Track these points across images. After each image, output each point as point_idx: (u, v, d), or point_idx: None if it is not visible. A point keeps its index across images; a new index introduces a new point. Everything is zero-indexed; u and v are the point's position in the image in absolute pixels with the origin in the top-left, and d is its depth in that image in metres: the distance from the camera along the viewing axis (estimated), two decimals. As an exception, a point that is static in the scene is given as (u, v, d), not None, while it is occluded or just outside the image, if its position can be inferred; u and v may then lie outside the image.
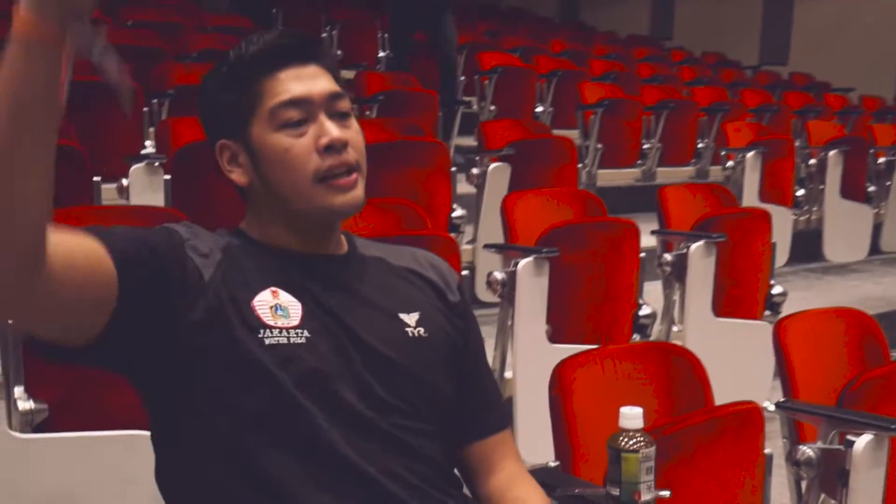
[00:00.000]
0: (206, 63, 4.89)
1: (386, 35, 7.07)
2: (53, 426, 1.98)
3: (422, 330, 1.37)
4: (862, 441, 1.88)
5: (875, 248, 5.75)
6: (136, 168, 3.06)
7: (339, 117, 1.34)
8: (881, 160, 5.94)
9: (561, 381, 1.86)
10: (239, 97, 1.33)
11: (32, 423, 1.96)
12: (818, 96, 8.77)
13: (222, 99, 1.35)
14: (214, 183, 3.19)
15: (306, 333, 1.27)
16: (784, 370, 2.29)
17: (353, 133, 1.35)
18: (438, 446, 1.36)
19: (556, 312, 2.92)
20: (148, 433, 2.02)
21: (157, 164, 3.08)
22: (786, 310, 3.41)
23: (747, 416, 1.89)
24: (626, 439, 1.46)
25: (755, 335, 3.34)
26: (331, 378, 1.27)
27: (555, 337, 2.88)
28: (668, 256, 3.29)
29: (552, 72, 6.81)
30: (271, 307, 1.27)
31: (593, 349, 1.99)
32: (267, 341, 1.25)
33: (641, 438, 1.47)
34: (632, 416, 1.47)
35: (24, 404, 1.96)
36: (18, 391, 1.97)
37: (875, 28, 10.39)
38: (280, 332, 1.26)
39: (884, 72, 10.20)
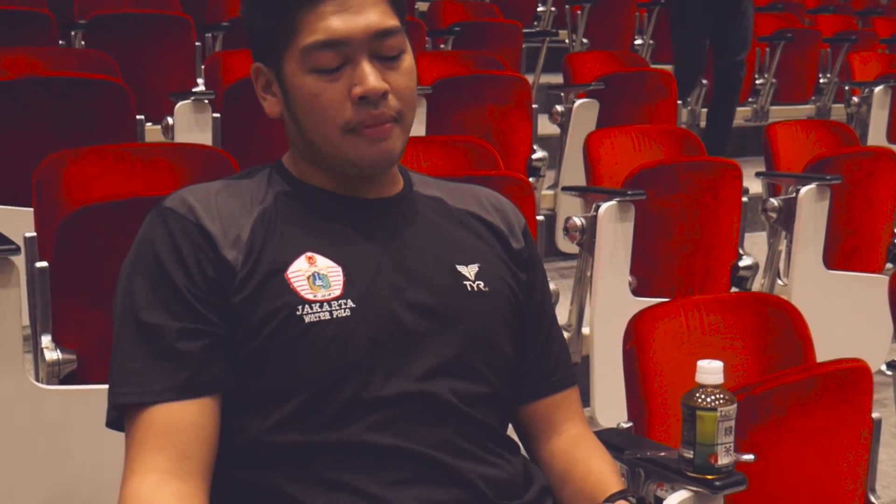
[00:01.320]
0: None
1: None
2: (82, 378, 2.02)
3: (482, 283, 1.32)
4: None
5: None
6: (181, 105, 3.07)
7: (385, 59, 1.27)
8: None
9: (637, 334, 1.80)
10: (274, 25, 1.26)
11: (59, 375, 2.00)
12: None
13: (257, 23, 1.29)
14: (269, 121, 3.22)
15: (350, 304, 1.23)
16: (900, 327, 2.19)
17: (398, 77, 1.27)
18: (494, 409, 1.33)
19: (642, 263, 2.85)
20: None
21: (205, 101, 3.09)
22: (914, 264, 3.29)
23: (852, 376, 1.81)
24: (703, 396, 1.41)
25: (873, 290, 3.21)
26: (379, 352, 1.23)
27: (640, 290, 2.82)
28: (774, 201, 3.18)
29: (653, 0, 6.64)
30: (308, 277, 1.23)
31: (677, 299, 1.93)
32: (307, 319, 1.21)
33: (721, 395, 1.41)
34: (710, 370, 1.42)
35: (52, 354, 1.99)
36: (46, 340, 2.01)
37: None
38: (321, 307, 1.22)
39: None
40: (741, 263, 3.04)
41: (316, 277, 1.24)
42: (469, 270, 1.33)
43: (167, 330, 1.20)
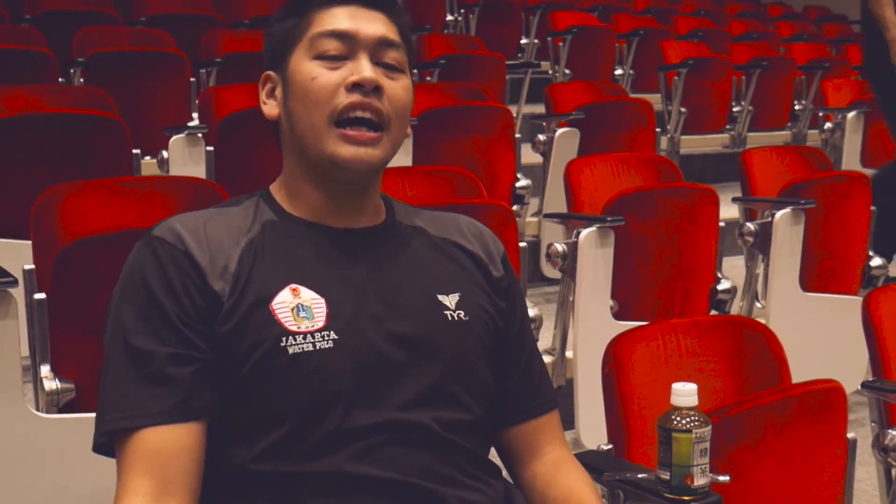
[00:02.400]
0: (258, 30, 4.93)
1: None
2: (80, 406, 2.02)
3: (462, 313, 1.33)
4: (957, 425, 1.80)
5: None
6: (175, 139, 3.09)
7: (386, 67, 1.31)
8: None
9: (616, 357, 1.81)
10: (291, 26, 1.33)
11: (58, 404, 1.99)
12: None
13: (277, 28, 1.35)
14: (261, 155, 3.23)
15: (333, 335, 1.24)
16: (874, 347, 2.20)
17: (395, 86, 1.31)
18: (475, 435, 1.33)
19: (623, 287, 2.86)
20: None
21: (198, 134, 3.10)
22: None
23: (826, 397, 1.82)
24: (678, 418, 1.42)
25: (849, 312, 3.22)
26: (361, 382, 1.24)
27: (621, 314, 2.83)
28: (750, 225, 3.20)
29: (633, 31, 6.68)
30: (292, 309, 1.24)
31: (654, 323, 1.94)
32: (291, 350, 1.22)
33: (696, 417, 1.42)
34: (685, 392, 1.43)
35: (51, 384, 1.99)
36: (45, 370, 2.01)
37: None
38: (304, 338, 1.22)
39: None
40: (719, 287, 3.06)
41: (300, 309, 1.24)
42: (450, 300, 1.34)
43: (157, 355, 1.20)
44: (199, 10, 5.38)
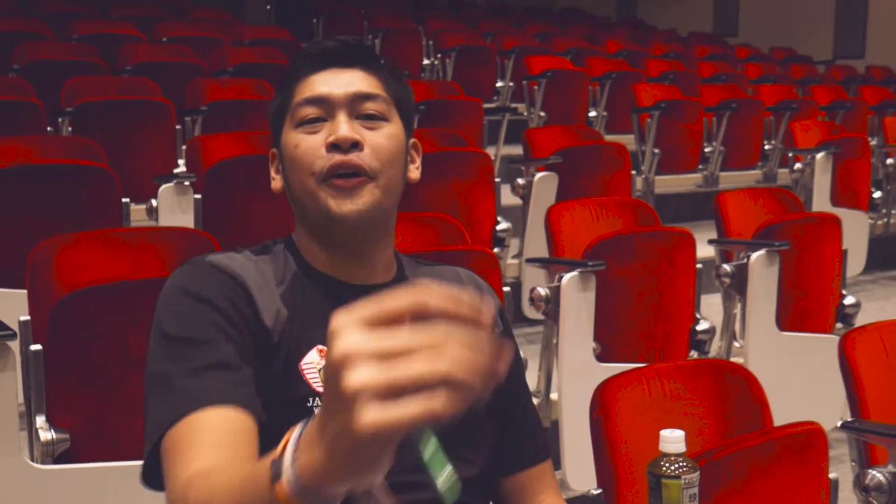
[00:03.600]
0: (242, 78, 4.96)
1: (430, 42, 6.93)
2: (75, 457, 2.02)
3: None
4: (937, 465, 1.83)
5: (958, 254, 5.62)
6: (165, 188, 3.10)
7: (366, 119, 1.32)
8: (965, 159, 5.81)
9: (603, 403, 1.83)
10: (280, 102, 1.36)
11: (54, 454, 1.99)
12: (896, 91, 8.61)
13: (271, 107, 1.38)
14: (247, 202, 3.25)
15: None
16: (851, 388, 2.23)
17: (376, 136, 1.32)
18: (480, 489, 1.35)
19: (605, 330, 2.89)
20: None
21: (186, 183, 3.12)
22: (861, 322, 3.34)
23: (808, 438, 1.84)
24: (667, 464, 1.44)
25: (825, 350, 3.26)
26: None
27: (604, 356, 2.85)
28: (726, 267, 3.24)
29: (605, 74, 6.78)
30: (320, 370, 1.24)
31: (639, 368, 1.96)
32: (317, 411, 1.23)
33: (684, 463, 1.44)
34: (672, 439, 1.45)
35: (46, 434, 1.99)
36: (40, 420, 2.00)
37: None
38: None
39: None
40: (698, 327, 3.09)
41: None
42: None
43: (219, 346, 1.18)
44: (183, 59, 5.41)
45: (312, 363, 1.25)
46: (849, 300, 3.57)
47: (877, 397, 2.25)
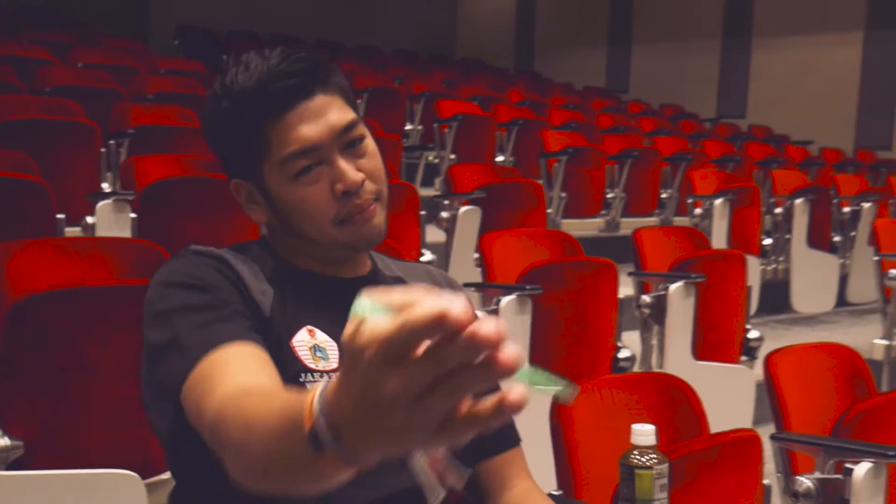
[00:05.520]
0: (164, 104, 4.93)
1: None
2: (28, 464, 1.98)
3: None
4: (861, 469, 1.94)
5: (842, 300, 5.89)
6: (103, 204, 3.07)
7: (353, 146, 1.33)
8: (846, 209, 6.14)
9: (561, 410, 1.90)
10: (246, 142, 1.33)
11: (6, 461, 1.95)
12: (779, 148, 9.04)
13: (229, 139, 1.35)
14: (183, 221, 3.23)
15: None
16: (776, 403, 2.36)
17: (367, 162, 1.34)
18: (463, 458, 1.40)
19: (535, 355, 2.96)
20: (125, 472, 2.02)
21: (125, 200, 3.09)
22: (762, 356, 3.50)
23: (747, 444, 1.95)
24: (639, 456, 1.51)
25: (734, 379, 3.42)
26: None
27: (536, 378, 2.92)
28: (646, 298, 3.37)
29: (512, 120, 6.95)
30: (310, 348, 1.29)
31: (591, 379, 2.04)
32: (308, 386, 1.25)
33: (654, 455, 1.52)
34: (644, 432, 1.53)
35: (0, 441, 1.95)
36: (-7, 427, 1.96)
37: (832, 80, 10.77)
38: (321, 376, 1.27)
39: (842, 125, 10.56)
40: (620, 355, 3.20)
41: (317, 349, 1.29)
42: None
43: (223, 303, 1.23)
44: (101, 84, 5.34)
45: (303, 341, 1.29)
46: (753, 334, 3.75)
47: (797, 412, 2.39)
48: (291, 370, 1.26)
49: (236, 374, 1.11)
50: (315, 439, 0.80)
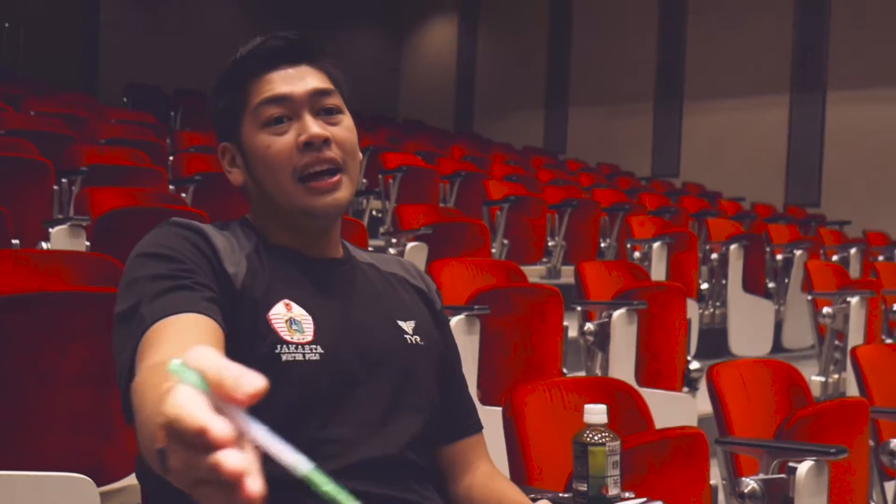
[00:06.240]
0: (117, 147, 4.93)
1: None
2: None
3: (418, 338, 1.44)
4: (804, 467, 2.01)
5: (778, 345, 6.00)
6: (58, 230, 3.06)
7: (326, 113, 1.40)
8: (779, 257, 6.31)
9: (513, 405, 1.94)
10: (232, 100, 1.40)
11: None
12: (713, 202, 9.25)
13: (219, 104, 1.42)
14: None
15: (320, 349, 1.32)
16: (719, 411, 2.42)
17: (339, 130, 1.40)
18: (427, 451, 1.43)
19: (483, 377, 2.99)
20: (79, 475, 1.99)
21: (80, 226, 3.08)
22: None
23: (694, 441, 2.00)
24: (591, 434, 1.55)
25: (677, 406, 3.47)
26: (338, 395, 1.32)
27: (485, 400, 2.95)
28: (590, 325, 3.43)
29: (455, 173, 7.05)
30: (286, 321, 1.31)
31: (541, 380, 2.08)
32: (284, 357, 1.29)
33: (607, 433, 1.55)
34: (596, 411, 1.56)
35: (-45, 443, 1.92)
36: (-51, 430, 1.93)
37: (762, 140, 11.09)
38: (296, 349, 1.30)
39: (772, 182, 10.85)
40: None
41: (292, 322, 1.32)
42: (407, 325, 1.45)
43: (188, 273, 1.24)
44: (55, 129, 5.33)
45: (280, 314, 1.32)
46: (694, 365, 3.81)
47: (738, 419, 2.44)
48: (267, 342, 1.29)
49: (168, 345, 1.12)
50: (163, 458, 0.77)
